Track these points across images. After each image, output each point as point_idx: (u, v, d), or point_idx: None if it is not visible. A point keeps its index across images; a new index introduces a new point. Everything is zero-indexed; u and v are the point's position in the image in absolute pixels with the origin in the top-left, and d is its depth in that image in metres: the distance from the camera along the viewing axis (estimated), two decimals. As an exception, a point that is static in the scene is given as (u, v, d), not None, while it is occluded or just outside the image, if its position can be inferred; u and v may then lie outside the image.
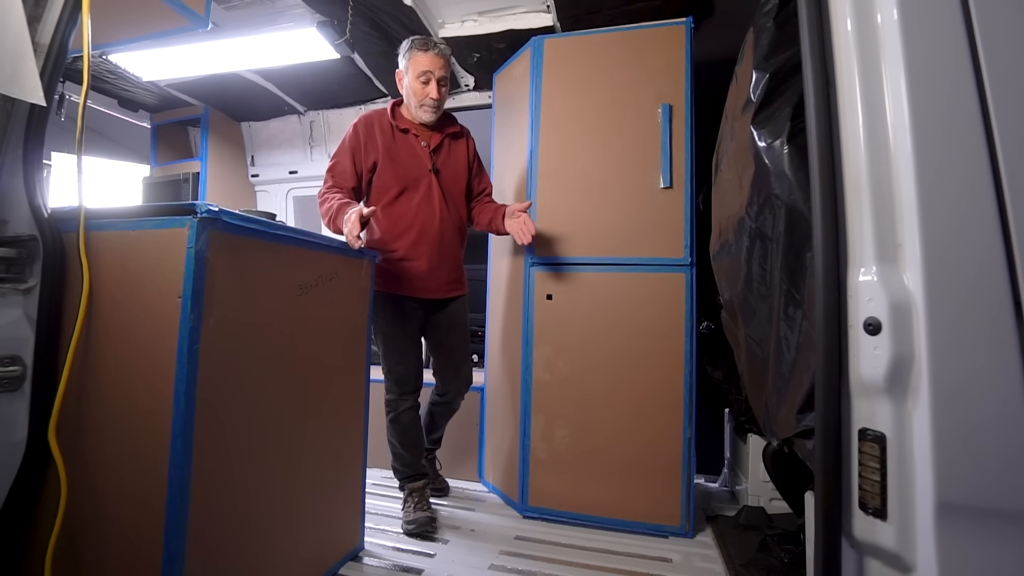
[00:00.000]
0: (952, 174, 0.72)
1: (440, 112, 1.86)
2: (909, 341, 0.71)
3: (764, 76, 1.08)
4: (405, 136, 1.83)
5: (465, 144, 1.97)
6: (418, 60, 1.77)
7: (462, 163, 1.93)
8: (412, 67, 1.79)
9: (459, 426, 2.38)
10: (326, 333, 1.45)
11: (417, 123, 1.86)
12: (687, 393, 1.83)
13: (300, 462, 1.34)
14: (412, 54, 1.79)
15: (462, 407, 2.13)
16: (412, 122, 1.86)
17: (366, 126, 1.81)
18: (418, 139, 1.84)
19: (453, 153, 1.91)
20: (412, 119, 1.86)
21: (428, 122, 1.85)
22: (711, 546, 1.75)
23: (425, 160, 1.83)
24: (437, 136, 1.88)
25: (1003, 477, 0.67)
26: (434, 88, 1.79)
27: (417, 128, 1.86)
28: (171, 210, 1.04)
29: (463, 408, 2.24)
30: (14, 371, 1.02)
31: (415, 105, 1.82)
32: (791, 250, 0.97)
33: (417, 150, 1.84)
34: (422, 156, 1.83)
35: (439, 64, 1.79)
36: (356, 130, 1.82)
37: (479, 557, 1.64)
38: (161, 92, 2.95)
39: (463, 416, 2.38)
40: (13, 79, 0.97)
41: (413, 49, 1.79)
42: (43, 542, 0.99)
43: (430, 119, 1.84)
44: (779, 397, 1.04)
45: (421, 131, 1.86)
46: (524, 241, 1.78)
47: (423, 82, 1.78)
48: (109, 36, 1.49)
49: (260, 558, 1.21)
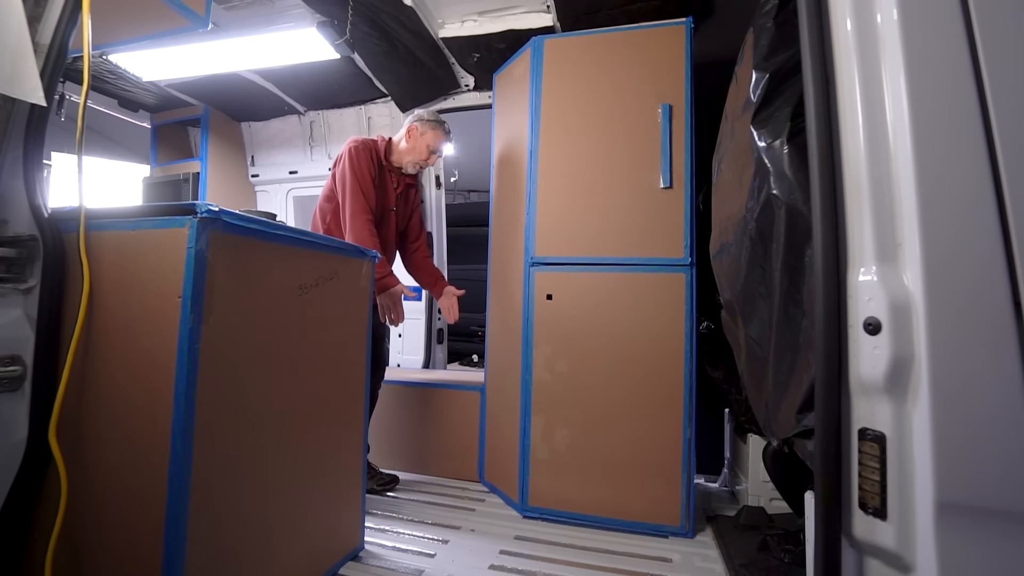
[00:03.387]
0: (952, 174, 0.72)
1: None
2: (909, 341, 0.71)
3: (764, 76, 1.08)
4: (387, 174, 2.18)
5: (416, 193, 2.38)
6: (441, 139, 2.17)
7: (410, 208, 2.35)
8: (434, 140, 2.15)
9: (459, 426, 2.39)
10: (326, 333, 1.45)
11: (397, 167, 2.20)
12: (687, 393, 1.83)
13: (300, 462, 1.34)
14: (439, 131, 2.16)
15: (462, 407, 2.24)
16: (395, 165, 2.20)
17: (370, 156, 2.09)
18: (392, 179, 2.20)
19: (409, 199, 2.33)
20: (396, 162, 2.19)
21: (409, 173, 2.23)
22: (711, 546, 1.75)
23: (393, 200, 2.21)
24: (404, 182, 2.26)
25: (1003, 477, 0.67)
26: (435, 159, 2.20)
27: (395, 171, 2.21)
28: (171, 210, 1.04)
29: (463, 408, 2.25)
30: (14, 371, 1.02)
31: (411, 160, 2.17)
32: (791, 250, 0.97)
33: (390, 189, 2.19)
34: (392, 195, 2.20)
35: (447, 147, 2.26)
36: (367, 157, 2.07)
37: (479, 557, 1.64)
38: (161, 92, 2.96)
39: (463, 416, 2.38)
40: (13, 79, 0.97)
41: (441, 129, 2.16)
42: (43, 542, 0.99)
43: (411, 172, 2.23)
44: (779, 397, 1.04)
45: (396, 174, 2.22)
46: (450, 320, 2.25)
47: (431, 152, 2.16)
48: (109, 36, 1.49)
49: (260, 558, 1.21)
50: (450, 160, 6.27)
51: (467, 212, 6.04)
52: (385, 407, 2.46)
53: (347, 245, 1.59)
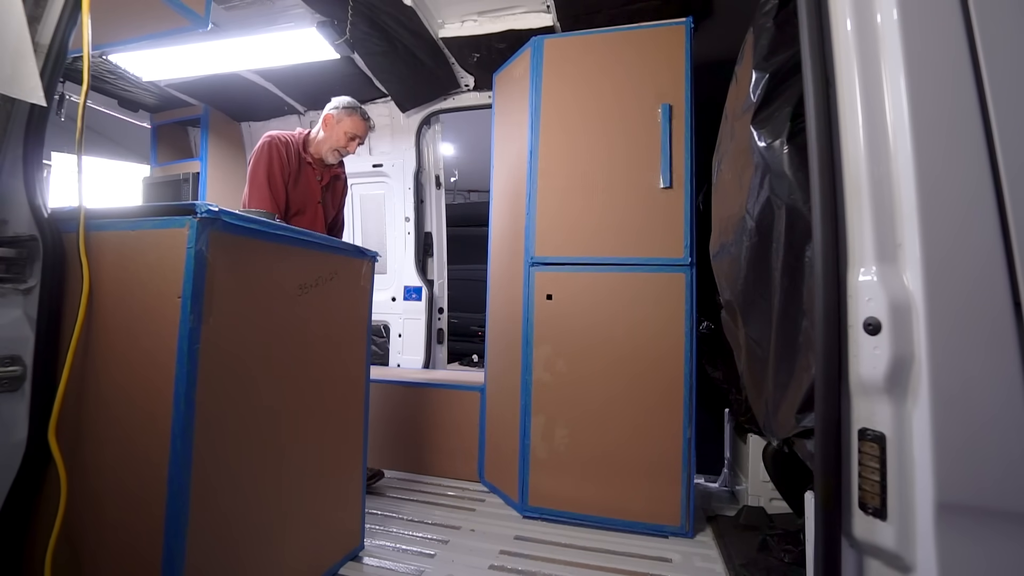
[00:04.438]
0: (952, 174, 0.72)
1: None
2: (909, 341, 0.71)
3: (764, 76, 1.08)
4: (307, 167, 2.14)
5: (343, 184, 2.33)
6: (358, 124, 2.11)
7: (337, 199, 2.31)
8: (351, 125, 2.10)
9: (459, 426, 2.38)
10: (326, 333, 1.45)
11: (318, 158, 2.15)
12: (687, 393, 1.83)
13: (300, 462, 1.34)
14: (354, 116, 2.10)
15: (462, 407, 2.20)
16: (315, 157, 2.16)
17: (286, 151, 2.06)
18: (315, 172, 2.16)
19: (335, 190, 2.29)
20: (316, 153, 2.15)
21: (329, 163, 2.17)
22: (711, 546, 1.75)
23: (317, 192, 2.17)
24: (328, 174, 2.22)
25: (1003, 477, 0.67)
26: (354, 146, 2.14)
27: (316, 163, 2.16)
28: (171, 210, 1.04)
29: (463, 408, 2.24)
30: (14, 371, 1.02)
31: (328, 148, 2.12)
32: (791, 250, 0.97)
33: (312, 182, 2.15)
34: (315, 188, 2.16)
35: (367, 132, 2.16)
36: (279, 152, 2.03)
37: (479, 557, 1.64)
38: (161, 92, 2.95)
39: (463, 416, 2.38)
40: (13, 79, 0.97)
41: (356, 113, 2.11)
42: (43, 542, 0.99)
43: (332, 162, 2.17)
44: (779, 397, 1.04)
45: (319, 166, 2.18)
46: None
47: (349, 138, 2.11)
48: (109, 36, 1.49)
49: (260, 558, 1.21)
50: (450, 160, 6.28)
51: (467, 212, 6.04)
52: (385, 407, 2.46)
53: (347, 245, 1.59)
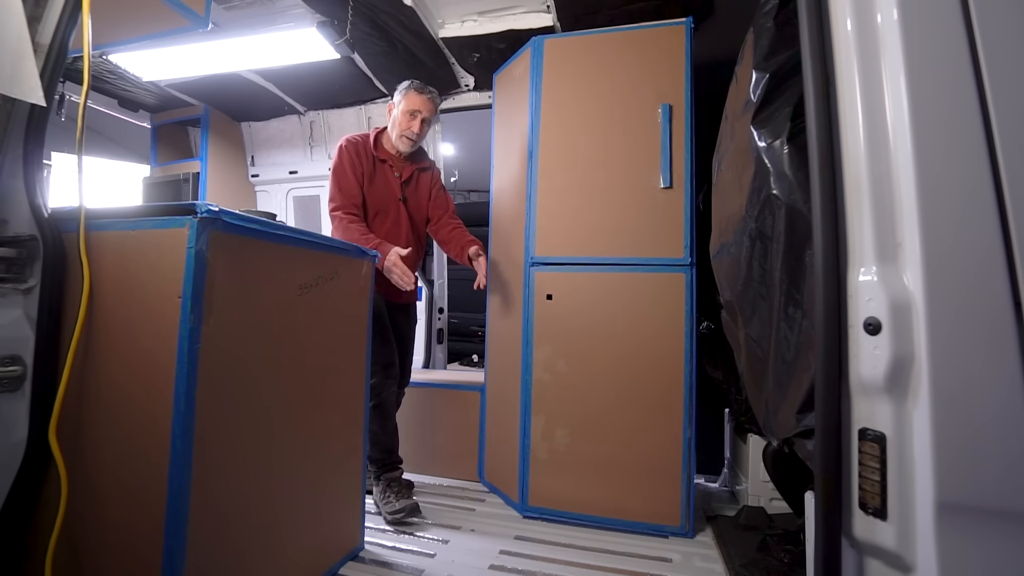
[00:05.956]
0: (952, 174, 0.72)
1: (416, 146, 2.10)
2: (909, 341, 0.71)
3: (764, 76, 1.08)
4: (383, 165, 2.06)
5: (430, 176, 2.21)
6: (412, 99, 2.01)
7: (424, 193, 2.19)
8: (406, 102, 2.01)
9: (459, 426, 2.38)
10: (326, 333, 1.44)
11: (394, 153, 2.08)
12: (687, 393, 1.83)
13: (300, 462, 1.34)
14: (408, 92, 2.02)
15: (462, 407, 2.24)
16: (390, 153, 2.08)
17: (356, 150, 2.01)
18: (392, 169, 2.07)
19: (419, 184, 2.17)
20: (390, 149, 2.08)
21: (404, 152, 2.08)
22: (711, 546, 1.75)
23: (396, 189, 2.07)
24: (409, 169, 2.12)
25: (1003, 477, 0.67)
26: (417, 124, 2.02)
27: (393, 159, 2.08)
28: (171, 210, 1.04)
29: (463, 408, 2.24)
30: (14, 371, 1.02)
31: (397, 135, 2.04)
32: (791, 250, 0.97)
33: (390, 180, 2.07)
34: (394, 185, 2.07)
35: (429, 107, 2.03)
36: (349, 152, 1.99)
37: (479, 557, 1.64)
38: (161, 92, 2.95)
39: (463, 416, 2.38)
40: (13, 79, 0.97)
41: (410, 89, 2.02)
42: (43, 542, 0.99)
43: (407, 150, 2.07)
44: (779, 397, 1.04)
45: (396, 162, 2.09)
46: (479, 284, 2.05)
47: (410, 116, 2.01)
48: (109, 36, 1.49)
49: (260, 558, 1.21)
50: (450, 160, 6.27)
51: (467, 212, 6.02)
52: (385, 407, 2.46)
53: (347, 245, 1.59)
